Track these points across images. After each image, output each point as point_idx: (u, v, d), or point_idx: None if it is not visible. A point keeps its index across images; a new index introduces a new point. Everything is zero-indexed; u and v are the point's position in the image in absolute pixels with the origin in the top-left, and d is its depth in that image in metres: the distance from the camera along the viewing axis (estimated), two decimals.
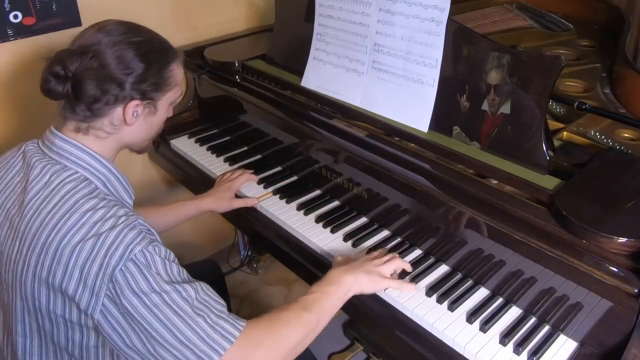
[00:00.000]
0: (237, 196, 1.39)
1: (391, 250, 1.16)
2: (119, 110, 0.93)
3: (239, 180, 1.40)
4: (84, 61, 0.89)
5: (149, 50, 0.94)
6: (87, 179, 0.91)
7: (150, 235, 0.86)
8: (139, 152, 1.08)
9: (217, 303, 0.85)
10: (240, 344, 0.82)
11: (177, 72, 1.00)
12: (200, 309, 0.82)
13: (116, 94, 0.91)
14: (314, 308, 0.92)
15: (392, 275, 1.06)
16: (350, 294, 0.99)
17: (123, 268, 0.80)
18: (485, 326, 0.97)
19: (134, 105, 0.93)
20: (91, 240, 0.81)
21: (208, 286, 0.87)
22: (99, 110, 0.92)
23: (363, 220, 1.27)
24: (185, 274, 0.86)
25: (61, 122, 0.94)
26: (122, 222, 0.84)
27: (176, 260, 0.87)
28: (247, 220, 1.37)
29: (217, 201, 1.36)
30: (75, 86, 0.90)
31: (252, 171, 1.44)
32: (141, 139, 1.03)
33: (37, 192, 0.88)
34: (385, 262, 1.05)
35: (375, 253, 1.11)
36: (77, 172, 0.91)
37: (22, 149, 0.97)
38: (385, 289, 1.04)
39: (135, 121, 0.96)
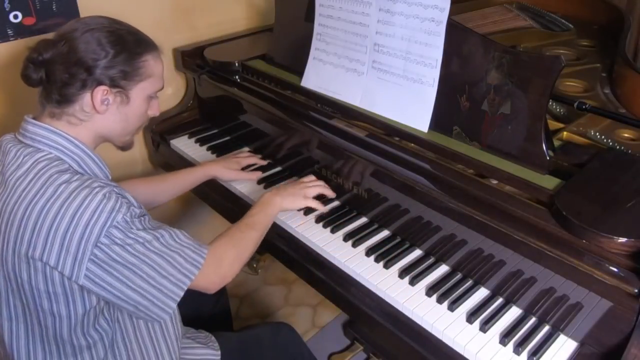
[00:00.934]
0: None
1: (391, 250, 1.16)
2: (87, 96, 0.94)
3: (248, 159, 1.48)
4: (57, 48, 0.92)
5: (119, 37, 0.95)
6: (60, 158, 0.93)
7: (125, 199, 0.90)
8: (122, 148, 1.08)
9: (186, 238, 0.98)
10: (208, 264, 0.98)
11: (153, 63, 1.00)
12: (175, 247, 0.94)
13: (84, 78, 0.92)
14: (259, 227, 1.14)
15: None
16: (280, 210, 1.21)
17: (107, 233, 0.86)
18: (485, 326, 0.97)
19: (102, 92, 0.94)
20: (71, 208, 0.85)
21: (173, 228, 0.97)
22: (69, 95, 0.93)
23: (363, 220, 1.27)
24: (156, 222, 0.96)
25: (40, 111, 0.97)
26: (99, 191, 0.87)
27: (147, 214, 0.96)
28: None
29: (224, 170, 1.42)
30: (48, 72, 0.92)
31: (260, 156, 1.51)
32: (118, 132, 1.02)
33: (12, 173, 0.90)
34: (308, 185, 1.26)
35: (305, 179, 1.29)
36: (50, 152, 0.92)
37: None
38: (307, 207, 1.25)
39: (107, 109, 0.96)
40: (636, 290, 0.82)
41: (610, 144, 1.12)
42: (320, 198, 1.28)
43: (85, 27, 0.93)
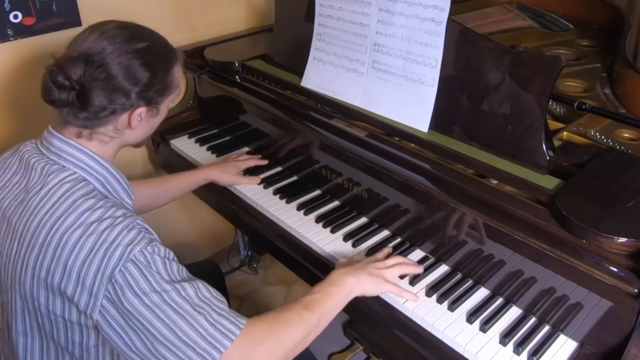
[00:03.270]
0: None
1: (392, 250, 1.16)
2: (124, 117, 0.93)
3: (246, 162, 1.46)
4: (89, 71, 0.88)
5: (153, 57, 0.94)
6: (85, 179, 0.90)
7: (149, 234, 0.86)
8: (136, 146, 1.08)
9: (217, 301, 0.85)
10: (241, 341, 0.82)
11: (179, 74, 1.02)
12: (200, 307, 0.82)
13: (123, 102, 0.91)
14: (316, 308, 0.92)
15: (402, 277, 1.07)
16: (352, 296, 0.99)
17: (122, 269, 0.80)
18: (485, 326, 0.97)
19: (140, 112, 0.94)
20: (90, 240, 0.81)
21: (208, 285, 0.87)
22: (104, 118, 0.92)
23: (363, 220, 1.27)
24: (185, 272, 0.86)
25: (61, 124, 0.94)
26: (120, 222, 0.83)
27: (175, 259, 0.87)
28: (247, 220, 1.37)
29: (223, 174, 1.41)
30: (81, 96, 0.88)
31: (259, 156, 1.50)
32: (140, 138, 1.03)
33: (36, 193, 0.88)
34: (389, 265, 1.05)
35: (380, 255, 1.11)
36: (75, 172, 0.90)
37: (19, 149, 0.97)
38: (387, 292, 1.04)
39: (139, 125, 0.96)
40: (636, 290, 0.82)
41: (610, 144, 1.12)
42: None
43: (114, 47, 0.89)
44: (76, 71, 0.87)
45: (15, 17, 1.41)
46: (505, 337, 0.95)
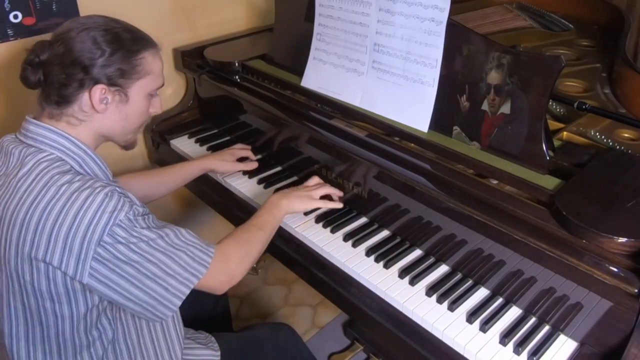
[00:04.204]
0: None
1: (391, 250, 1.16)
2: (85, 95, 0.94)
3: (241, 151, 1.50)
4: (53, 48, 0.92)
5: (115, 35, 0.94)
6: (62, 159, 0.92)
7: (128, 199, 0.90)
8: (125, 147, 1.08)
9: (193, 237, 0.97)
10: (215, 263, 0.98)
11: (150, 60, 0.99)
12: (181, 246, 0.94)
13: (81, 78, 0.92)
14: (267, 227, 1.14)
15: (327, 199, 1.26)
16: (286, 213, 1.20)
17: (110, 232, 0.85)
18: (485, 326, 0.97)
19: (100, 91, 0.93)
20: (73, 208, 0.85)
21: (185, 229, 0.97)
22: (67, 96, 0.93)
23: (363, 220, 1.27)
24: (158, 221, 0.95)
25: (39, 112, 0.97)
26: (100, 191, 0.87)
27: (151, 213, 0.95)
28: (246, 219, 1.37)
29: (220, 162, 1.44)
30: (45, 73, 0.92)
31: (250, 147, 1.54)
32: (119, 131, 1.01)
33: (15, 175, 0.90)
34: (312, 186, 1.26)
35: (310, 182, 1.28)
36: (51, 153, 0.92)
37: (1, 141, 0.99)
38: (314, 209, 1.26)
39: (107, 109, 0.96)
40: (636, 290, 0.82)
41: (610, 144, 1.12)
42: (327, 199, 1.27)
43: (81, 27, 0.93)
44: (44, 51, 0.92)
45: (15, 17, 1.41)
46: (505, 337, 0.95)
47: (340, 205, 1.26)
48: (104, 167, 0.99)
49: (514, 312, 1.01)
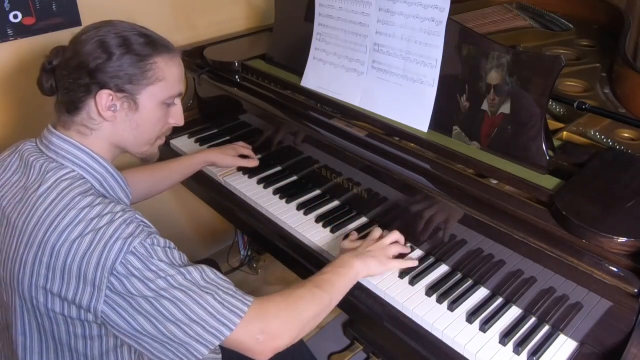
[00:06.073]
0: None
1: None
2: (92, 102, 0.90)
3: (244, 149, 1.50)
4: (65, 54, 0.91)
5: (125, 39, 0.90)
6: (83, 177, 0.90)
7: (148, 228, 0.86)
8: (143, 159, 1.04)
9: (224, 282, 0.87)
10: (253, 316, 0.84)
11: (163, 66, 0.93)
12: (207, 288, 0.83)
13: (86, 83, 0.89)
14: (328, 288, 0.96)
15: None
16: (359, 277, 1.04)
17: (123, 261, 0.80)
18: (485, 326, 0.97)
19: (107, 97, 0.89)
20: (89, 236, 0.81)
21: (213, 268, 0.88)
22: (75, 102, 0.90)
23: (363, 220, 1.27)
24: (186, 259, 0.87)
25: (57, 122, 0.95)
26: (120, 218, 0.83)
27: (176, 248, 0.87)
28: (246, 220, 1.37)
29: (222, 156, 1.45)
30: (57, 79, 0.91)
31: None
32: (132, 142, 0.97)
33: (35, 190, 0.87)
34: (387, 245, 1.11)
35: (375, 234, 1.14)
36: (73, 170, 0.90)
37: (19, 148, 0.97)
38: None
39: (116, 117, 0.92)
40: (636, 290, 0.82)
41: (610, 144, 1.12)
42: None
43: (95, 32, 0.90)
44: (57, 56, 0.91)
45: (15, 17, 1.41)
46: (505, 337, 0.95)
47: (416, 263, 1.10)
48: (124, 184, 0.97)
49: (514, 312, 1.01)
